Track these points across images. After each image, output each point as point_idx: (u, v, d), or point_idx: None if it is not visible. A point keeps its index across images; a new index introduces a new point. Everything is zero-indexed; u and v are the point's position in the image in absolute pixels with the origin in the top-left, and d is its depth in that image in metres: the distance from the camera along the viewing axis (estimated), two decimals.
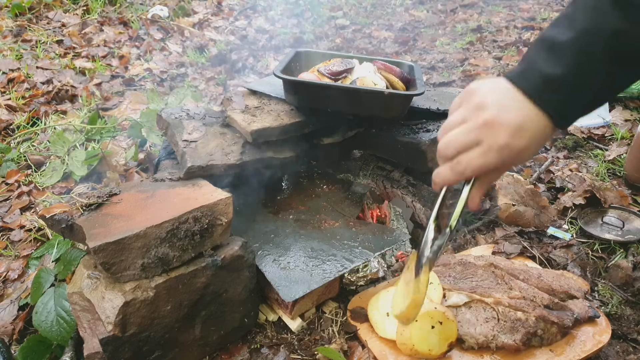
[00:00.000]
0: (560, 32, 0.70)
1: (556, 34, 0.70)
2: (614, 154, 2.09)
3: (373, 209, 1.63)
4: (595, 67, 0.68)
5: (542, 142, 0.73)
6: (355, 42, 3.86)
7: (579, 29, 0.68)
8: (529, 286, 1.25)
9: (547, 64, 0.69)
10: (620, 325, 1.30)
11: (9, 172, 2.07)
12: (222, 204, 1.19)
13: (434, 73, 3.17)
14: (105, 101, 2.72)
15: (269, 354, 1.25)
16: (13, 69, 2.95)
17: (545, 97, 0.70)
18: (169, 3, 4.35)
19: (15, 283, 1.52)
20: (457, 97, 0.77)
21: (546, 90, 0.70)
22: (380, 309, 1.25)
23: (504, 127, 0.70)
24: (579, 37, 0.68)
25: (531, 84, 0.70)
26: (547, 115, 0.70)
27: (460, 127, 0.73)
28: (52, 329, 1.22)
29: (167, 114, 1.60)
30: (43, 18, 3.83)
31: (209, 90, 2.98)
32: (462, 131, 0.73)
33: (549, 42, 0.71)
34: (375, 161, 1.73)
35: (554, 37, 0.70)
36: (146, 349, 1.10)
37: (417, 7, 4.79)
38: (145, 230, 1.06)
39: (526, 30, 3.90)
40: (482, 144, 0.71)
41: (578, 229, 1.67)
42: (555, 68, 0.68)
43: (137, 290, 1.06)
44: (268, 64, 3.38)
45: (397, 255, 1.55)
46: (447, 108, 1.66)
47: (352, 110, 1.53)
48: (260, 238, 1.43)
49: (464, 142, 0.72)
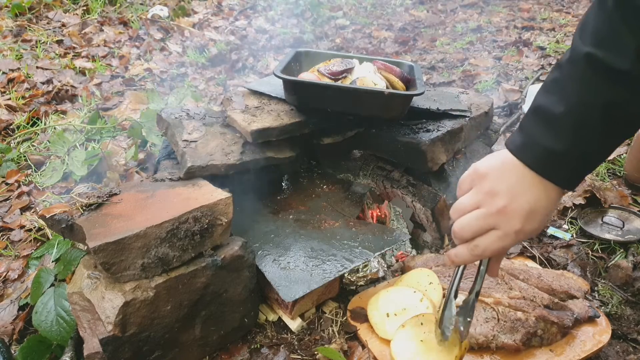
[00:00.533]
0: (554, 102, 0.72)
1: (550, 104, 0.73)
2: (614, 154, 2.09)
3: (373, 209, 1.63)
4: (595, 138, 0.71)
5: (552, 211, 0.81)
6: (355, 42, 3.86)
7: (572, 103, 0.71)
8: (529, 286, 1.25)
9: (548, 138, 0.72)
10: (620, 325, 1.30)
11: (9, 172, 2.07)
12: (222, 204, 1.19)
13: (434, 73, 3.17)
14: (105, 101, 2.72)
15: (269, 354, 1.25)
16: (13, 69, 2.95)
17: (551, 170, 0.74)
18: (169, 3, 4.35)
19: (15, 283, 1.52)
20: (466, 177, 0.81)
21: (551, 164, 0.73)
22: (380, 309, 1.25)
23: (517, 214, 0.74)
24: (572, 112, 0.71)
25: (536, 160, 0.74)
26: (557, 185, 0.75)
27: (475, 213, 0.77)
28: (52, 329, 1.22)
29: (167, 114, 1.60)
30: (43, 18, 3.83)
31: (209, 90, 2.98)
32: (478, 217, 0.77)
33: (545, 115, 0.73)
34: (375, 161, 1.73)
35: (548, 109, 0.73)
36: (146, 349, 1.10)
37: (417, 7, 4.79)
38: (145, 230, 1.06)
39: (526, 30, 3.90)
40: (499, 230, 0.76)
41: (578, 229, 1.67)
42: (555, 143, 0.72)
43: (137, 290, 1.06)
44: (268, 64, 3.38)
45: (397, 255, 1.55)
46: (447, 108, 1.68)
47: (352, 110, 1.53)
48: (260, 238, 1.43)
49: (481, 227, 0.77)
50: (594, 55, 0.68)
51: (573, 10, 4.45)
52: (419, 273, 1.32)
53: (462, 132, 1.63)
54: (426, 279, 1.29)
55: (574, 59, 0.72)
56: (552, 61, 3.20)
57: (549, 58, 3.26)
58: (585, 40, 0.70)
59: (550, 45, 3.46)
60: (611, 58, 0.66)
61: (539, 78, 2.90)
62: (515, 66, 3.18)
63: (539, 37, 3.70)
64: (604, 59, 0.67)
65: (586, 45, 0.69)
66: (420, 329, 1.11)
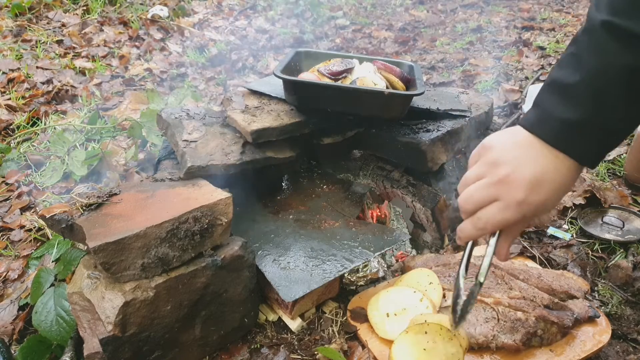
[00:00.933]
0: (569, 73, 0.69)
1: (564, 76, 0.69)
2: (614, 154, 2.09)
3: (373, 209, 1.63)
4: (613, 106, 0.66)
5: (567, 187, 0.73)
6: (355, 42, 3.86)
7: (589, 70, 0.67)
8: (529, 286, 1.25)
9: (563, 108, 0.68)
10: (620, 325, 1.30)
11: (9, 172, 2.07)
12: (222, 204, 1.19)
13: (434, 73, 3.17)
14: (105, 101, 2.72)
15: (269, 354, 1.25)
16: (13, 69, 2.95)
17: (567, 142, 0.69)
18: (169, 3, 4.35)
19: (15, 283, 1.52)
20: (475, 150, 0.78)
21: (567, 135, 0.69)
22: (380, 309, 1.25)
23: (520, 183, 0.70)
24: (590, 79, 0.67)
25: (551, 132, 0.70)
26: (573, 159, 0.70)
27: (477, 183, 0.74)
28: (52, 329, 1.22)
29: (167, 114, 1.60)
30: (43, 18, 3.82)
31: (209, 90, 2.98)
32: (479, 187, 0.74)
33: (560, 86, 0.70)
34: (375, 161, 1.73)
35: (563, 80, 0.69)
36: (146, 349, 1.10)
37: (417, 7, 4.79)
38: (145, 230, 1.06)
39: (526, 30, 3.90)
40: (501, 201, 0.72)
41: (578, 229, 1.67)
42: (572, 113, 0.68)
43: (137, 290, 1.06)
44: (268, 64, 3.38)
45: (397, 255, 1.55)
46: (447, 108, 1.68)
47: (352, 110, 1.53)
48: (260, 238, 1.43)
49: (482, 198, 0.73)
50: (612, 22, 0.65)
51: (573, 10, 4.45)
52: (419, 273, 1.32)
53: (462, 132, 1.63)
54: (426, 279, 1.29)
55: (590, 30, 0.68)
56: (552, 61, 3.20)
57: (549, 58, 3.26)
58: (602, 10, 0.67)
59: (550, 45, 3.46)
60: (631, 24, 0.63)
61: (539, 78, 2.90)
62: (515, 66, 3.18)
63: (539, 37, 3.70)
64: (623, 25, 0.64)
65: (602, 14, 0.66)
66: (424, 337, 1.09)
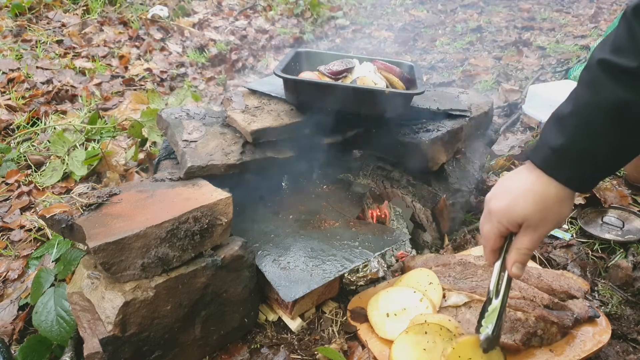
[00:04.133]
0: (565, 106, 0.77)
1: (562, 108, 0.77)
2: None
3: (373, 209, 1.63)
4: (596, 136, 0.73)
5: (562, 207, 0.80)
6: (355, 42, 3.86)
7: (579, 103, 0.74)
8: (529, 286, 1.25)
9: (554, 136, 0.76)
10: (620, 325, 1.30)
11: (9, 172, 2.07)
12: (222, 204, 1.19)
13: (434, 73, 3.17)
14: (105, 101, 2.72)
15: (269, 354, 1.25)
16: (13, 69, 2.94)
17: (553, 166, 0.77)
18: (169, 3, 4.35)
19: (15, 283, 1.52)
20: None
21: (553, 160, 0.76)
22: (380, 309, 1.25)
23: (495, 193, 0.84)
24: (578, 110, 0.74)
25: (541, 157, 0.78)
26: (561, 183, 0.77)
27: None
28: (52, 329, 1.22)
29: (167, 114, 1.59)
30: (43, 18, 3.82)
31: (209, 90, 2.98)
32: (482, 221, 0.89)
33: (557, 117, 0.78)
34: (375, 161, 1.73)
35: (560, 112, 0.77)
36: (146, 349, 1.10)
37: (417, 7, 4.79)
38: (145, 230, 1.06)
39: (526, 30, 3.90)
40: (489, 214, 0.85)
41: (578, 229, 1.67)
42: (560, 139, 0.75)
43: (137, 290, 1.06)
44: (268, 64, 3.38)
45: (397, 255, 1.55)
46: (447, 108, 1.68)
47: (353, 110, 1.53)
48: (260, 238, 1.43)
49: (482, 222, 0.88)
50: (607, 59, 0.71)
51: (573, 10, 4.45)
52: (419, 273, 1.32)
53: (462, 132, 1.63)
54: (426, 279, 1.29)
55: (588, 67, 0.75)
56: (552, 61, 3.20)
57: (549, 58, 3.26)
58: (603, 50, 0.73)
59: (550, 45, 3.46)
60: (622, 59, 0.69)
61: (538, 78, 2.90)
62: (515, 66, 3.18)
63: (539, 37, 3.71)
64: (615, 61, 0.70)
65: (601, 53, 0.73)
66: (424, 338, 1.10)
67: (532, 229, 0.81)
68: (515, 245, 0.84)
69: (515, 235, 0.85)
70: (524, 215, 0.79)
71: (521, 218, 0.80)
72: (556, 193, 0.77)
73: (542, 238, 0.83)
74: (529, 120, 2.46)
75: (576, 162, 0.75)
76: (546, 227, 0.81)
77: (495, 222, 0.83)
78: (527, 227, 0.81)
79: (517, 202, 0.80)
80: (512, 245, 0.85)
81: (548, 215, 0.79)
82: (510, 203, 0.80)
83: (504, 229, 0.84)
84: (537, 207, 0.78)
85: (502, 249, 0.88)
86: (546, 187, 0.77)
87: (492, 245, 0.87)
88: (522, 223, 0.81)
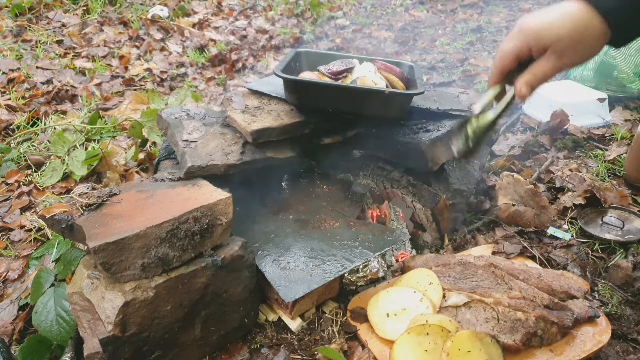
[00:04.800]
0: None
1: None
2: (614, 154, 2.09)
3: (373, 209, 1.63)
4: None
5: (594, 43, 0.79)
6: (355, 42, 3.86)
7: None
8: (529, 286, 1.25)
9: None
10: (620, 325, 1.30)
11: (9, 172, 2.07)
12: (222, 204, 1.19)
13: (434, 73, 3.17)
14: (105, 101, 2.72)
15: (269, 354, 1.25)
16: (13, 69, 2.94)
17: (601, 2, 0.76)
18: (169, 3, 4.35)
19: (15, 283, 1.52)
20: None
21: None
22: (380, 309, 1.25)
23: (542, 16, 0.81)
24: None
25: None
26: (604, 21, 0.76)
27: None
28: (52, 329, 1.22)
29: (167, 114, 1.59)
30: (43, 18, 3.82)
31: (209, 90, 2.98)
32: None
33: None
34: (375, 161, 1.73)
35: None
36: (146, 349, 1.10)
37: (417, 7, 4.79)
38: (145, 230, 1.06)
39: None
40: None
41: (578, 229, 1.67)
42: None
43: (137, 290, 1.06)
44: (268, 64, 3.38)
45: (397, 255, 1.55)
46: (447, 108, 1.68)
47: (353, 110, 1.53)
48: (260, 238, 1.43)
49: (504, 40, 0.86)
50: None
51: None
52: (419, 273, 1.32)
53: None
54: (426, 279, 1.29)
55: None
56: None
57: None
58: None
59: None
60: None
61: None
62: None
63: None
64: None
65: None
66: (426, 339, 1.10)
67: (557, 56, 0.80)
68: (533, 68, 0.84)
69: (532, 63, 0.84)
70: (557, 36, 0.79)
71: (552, 39, 0.79)
72: (594, 26, 0.77)
73: (561, 69, 0.82)
74: (529, 120, 2.46)
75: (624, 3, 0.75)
76: (570, 59, 0.81)
77: (523, 38, 0.82)
78: (553, 51, 0.80)
79: (554, 23, 0.79)
80: (528, 69, 0.84)
81: (578, 46, 0.79)
82: (546, 23, 0.80)
83: (526, 49, 0.83)
84: (571, 34, 0.78)
85: (508, 74, 0.87)
86: (587, 17, 0.77)
87: (504, 65, 0.86)
88: (549, 46, 0.80)
